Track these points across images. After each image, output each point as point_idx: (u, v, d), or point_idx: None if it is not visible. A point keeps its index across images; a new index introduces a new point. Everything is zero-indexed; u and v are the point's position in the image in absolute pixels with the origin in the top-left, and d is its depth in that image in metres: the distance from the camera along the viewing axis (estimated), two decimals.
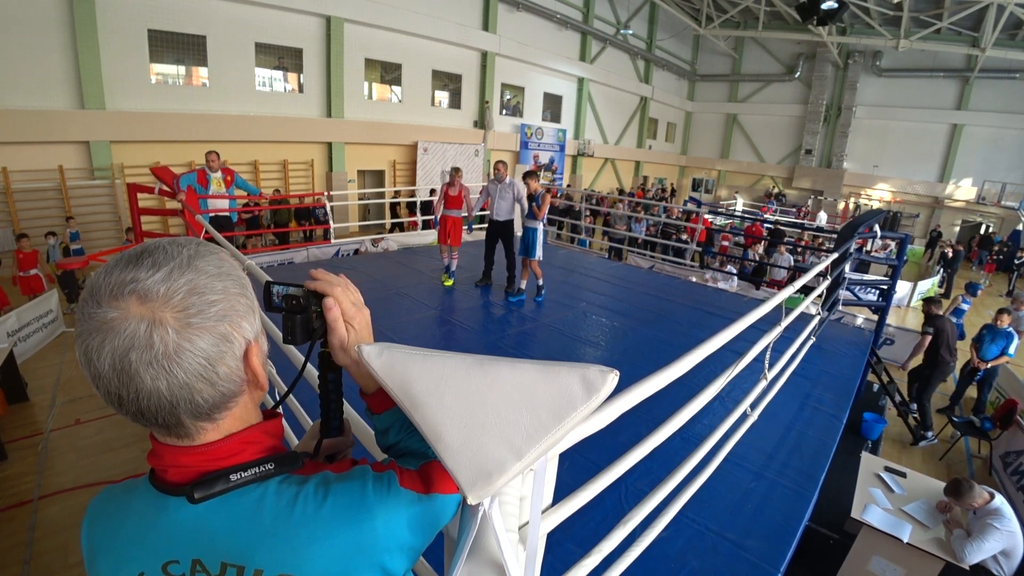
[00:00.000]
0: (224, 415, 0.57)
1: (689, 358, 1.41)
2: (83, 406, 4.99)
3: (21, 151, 8.51)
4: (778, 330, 2.44)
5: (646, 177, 24.71)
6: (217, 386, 0.54)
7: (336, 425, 0.86)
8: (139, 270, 0.50)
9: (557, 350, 4.46)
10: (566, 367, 0.59)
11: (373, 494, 0.58)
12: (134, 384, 0.50)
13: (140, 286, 0.49)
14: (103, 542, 0.59)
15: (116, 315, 0.49)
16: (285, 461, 0.59)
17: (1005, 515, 2.87)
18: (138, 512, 0.58)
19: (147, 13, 9.41)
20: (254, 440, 0.59)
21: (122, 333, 0.48)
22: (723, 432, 2.15)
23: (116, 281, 0.50)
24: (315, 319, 0.74)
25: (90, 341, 0.49)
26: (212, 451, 0.56)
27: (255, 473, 0.57)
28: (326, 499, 0.56)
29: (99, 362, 0.49)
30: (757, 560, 2.24)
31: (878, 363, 5.46)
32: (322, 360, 0.85)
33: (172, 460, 0.56)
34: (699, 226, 9.08)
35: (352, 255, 8.00)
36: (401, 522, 0.58)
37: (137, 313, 0.49)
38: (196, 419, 0.54)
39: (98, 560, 0.59)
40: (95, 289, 0.50)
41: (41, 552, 3.26)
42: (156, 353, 0.49)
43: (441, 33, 13.99)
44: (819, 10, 14.83)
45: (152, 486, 0.58)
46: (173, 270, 0.51)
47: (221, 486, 0.55)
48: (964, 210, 20.18)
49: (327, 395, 0.85)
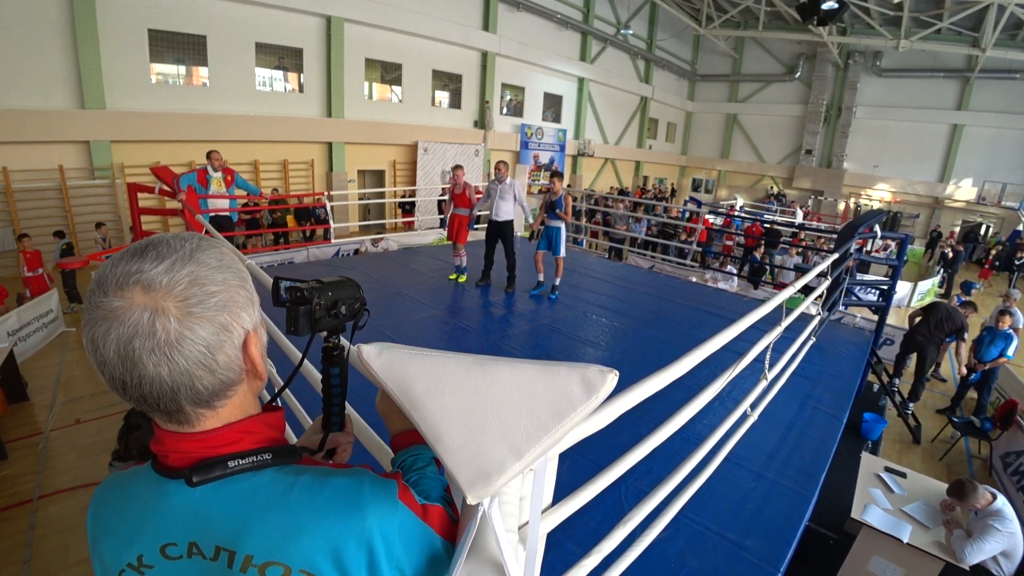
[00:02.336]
0: (224, 403, 0.58)
1: (689, 358, 1.41)
2: (83, 406, 4.99)
3: (21, 151, 8.52)
4: (778, 330, 2.44)
5: (646, 177, 24.72)
6: (216, 374, 0.55)
7: (338, 420, 0.87)
8: (143, 262, 0.52)
9: (557, 350, 4.45)
10: (566, 367, 0.59)
11: (369, 493, 0.58)
12: (137, 370, 0.52)
13: (144, 277, 0.51)
14: (107, 526, 0.61)
15: (121, 304, 0.51)
16: (283, 453, 0.61)
17: (1006, 516, 2.87)
18: (139, 496, 0.60)
19: (147, 13, 9.42)
20: (253, 430, 0.61)
21: (126, 321, 0.50)
22: (723, 432, 2.14)
23: (122, 272, 0.52)
24: (318, 311, 0.74)
25: (96, 329, 0.51)
26: (211, 438, 0.58)
27: (252, 461, 0.58)
28: (321, 491, 0.57)
29: (104, 349, 0.51)
30: (757, 560, 2.24)
31: (878, 363, 5.46)
32: (325, 355, 0.85)
33: (173, 446, 0.58)
34: (699, 226, 9.08)
35: (352, 255, 7.99)
36: (393, 529, 0.58)
37: (141, 302, 0.51)
38: (196, 406, 0.56)
39: (101, 543, 0.61)
40: (102, 279, 0.52)
41: (41, 552, 3.26)
42: (158, 341, 0.51)
43: (441, 33, 14.00)
44: (819, 10, 14.83)
45: (154, 471, 0.60)
46: (175, 262, 0.53)
47: (219, 472, 0.56)
48: (964, 210, 20.18)
49: (329, 390, 0.85)
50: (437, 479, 0.76)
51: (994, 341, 5.83)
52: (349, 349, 0.89)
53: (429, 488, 0.73)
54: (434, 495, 0.71)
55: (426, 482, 0.74)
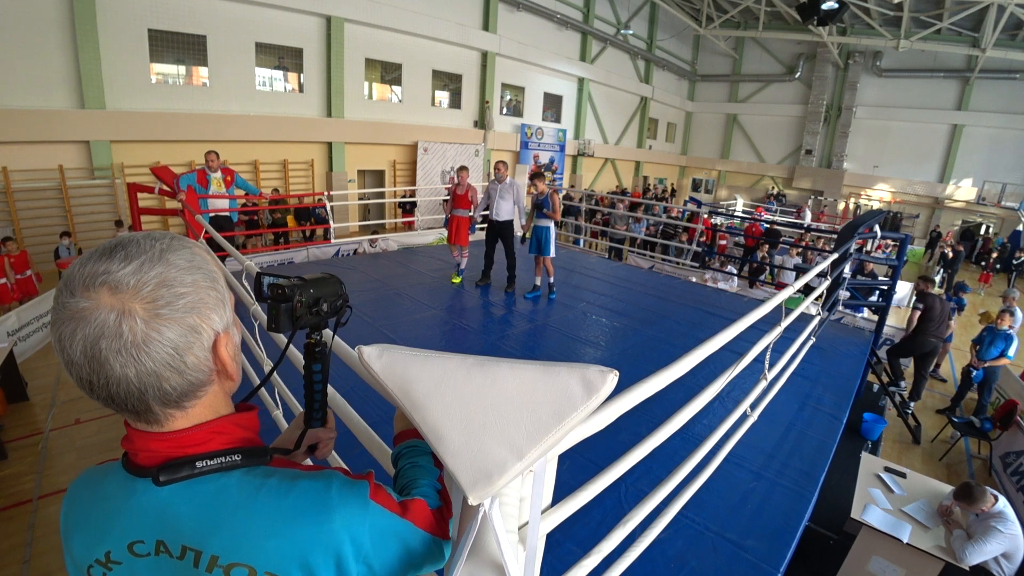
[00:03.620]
0: (193, 403, 0.58)
1: (689, 358, 1.41)
2: (83, 406, 4.99)
3: (21, 151, 8.51)
4: (778, 330, 2.44)
5: (646, 177, 24.72)
6: (185, 375, 0.55)
7: (319, 416, 0.87)
8: (112, 262, 0.52)
9: (557, 350, 4.45)
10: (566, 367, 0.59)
11: (337, 496, 0.58)
12: (104, 371, 0.51)
13: (111, 278, 0.51)
14: (78, 521, 0.61)
15: (87, 305, 0.50)
16: (252, 454, 0.60)
17: (1008, 518, 2.87)
18: (109, 494, 0.60)
19: (147, 13, 9.41)
20: (223, 431, 0.60)
21: (93, 322, 0.50)
22: (723, 432, 2.14)
23: (89, 272, 0.51)
24: (299, 308, 0.75)
25: (63, 329, 0.51)
26: (180, 438, 0.57)
27: (220, 463, 0.58)
28: (288, 494, 0.57)
29: (71, 349, 0.51)
30: (757, 560, 2.24)
31: (878, 363, 5.46)
32: (307, 351, 0.86)
33: (142, 444, 0.58)
34: (700, 226, 9.08)
35: (352, 255, 8.00)
36: (363, 531, 0.58)
37: (108, 303, 0.50)
38: (165, 406, 0.56)
39: (72, 538, 0.61)
40: (69, 280, 0.52)
41: (41, 552, 3.26)
42: (125, 342, 0.51)
43: (441, 33, 13.99)
44: (819, 10, 14.83)
45: (123, 469, 0.60)
46: (144, 263, 0.53)
47: (186, 472, 0.56)
48: (964, 210, 20.18)
49: (311, 386, 0.86)
50: (429, 468, 0.76)
51: (994, 341, 5.82)
52: (331, 345, 0.90)
53: (418, 476, 0.73)
54: (423, 483, 0.71)
55: (416, 471, 0.74)
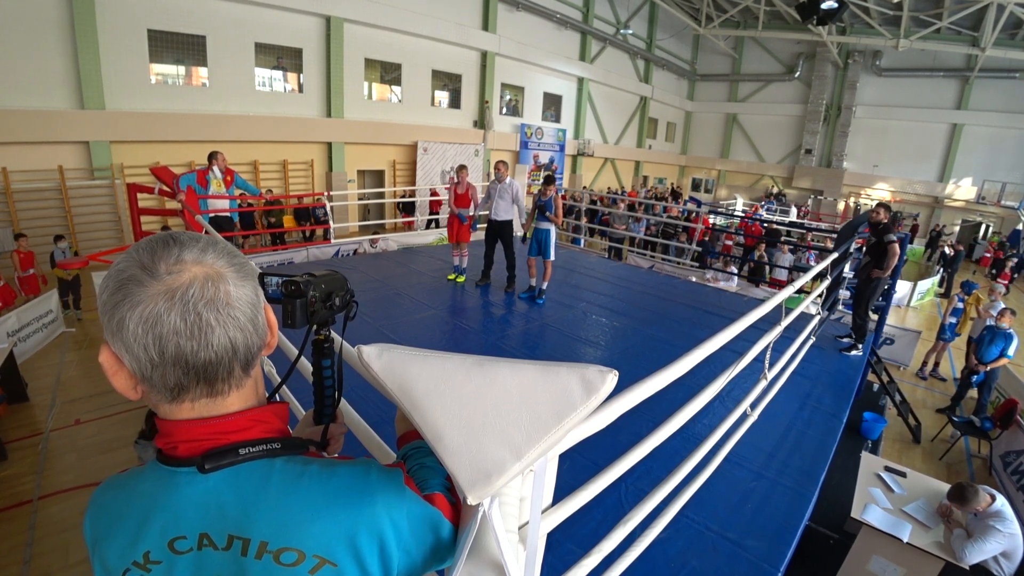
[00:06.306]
0: (250, 375, 0.61)
1: (689, 358, 1.41)
2: (83, 406, 4.99)
3: (21, 151, 8.51)
4: (778, 330, 2.44)
5: (646, 177, 24.72)
6: (259, 333, 0.60)
7: (330, 412, 0.88)
8: (175, 248, 0.55)
9: (557, 350, 4.45)
10: (565, 367, 0.59)
11: (377, 480, 0.61)
12: (204, 333, 0.54)
13: (190, 254, 0.55)
14: (108, 527, 0.60)
15: (180, 277, 0.53)
16: (292, 444, 0.62)
17: (1007, 517, 2.86)
18: (144, 493, 0.59)
19: (147, 13, 9.41)
20: (263, 419, 0.62)
21: (190, 289, 0.53)
22: (723, 432, 2.15)
23: (163, 255, 0.54)
24: (314, 303, 0.75)
25: (153, 307, 0.52)
26: (222, 424, 0.59)
27: (263, 450, 0.59)
28: (331, 479, 0.59)
29: (168, 320, 0.52)
30: (757, 560, 2.24)
31: (878, 363, 5.46)
32: (316, 347, 0.86)
33: (184, 435, 0.58)
34: (699, 226, 9.08)
35: (352, 255, 8.00)
36: (401, 514, 0.60)
37: (198, 272, 0.54)
38: (244, 369, 0.59)
39: (103, 545, 0.59)
40: (147, 265, 0.54)
41: (41, 552, 3.26)
42: (221, 302, 0.55)
43: (441, 33, 14.00)
44: (819, 10, 14.84)
45: (160, 465, 0.60)
46: (204, 243, 0.58)
47: (230, 458, 0.57)
48: (964, 210, 20.18)
49: (321, 382, 0.86)
50: (437, 468, 0.77)
51: (994, 340, 5.82)
52: (341, 340, 0.90)
53: (428, 476, 0.74)
54: (434, 482, 0.72)
55: (425, 472, 0.75)
